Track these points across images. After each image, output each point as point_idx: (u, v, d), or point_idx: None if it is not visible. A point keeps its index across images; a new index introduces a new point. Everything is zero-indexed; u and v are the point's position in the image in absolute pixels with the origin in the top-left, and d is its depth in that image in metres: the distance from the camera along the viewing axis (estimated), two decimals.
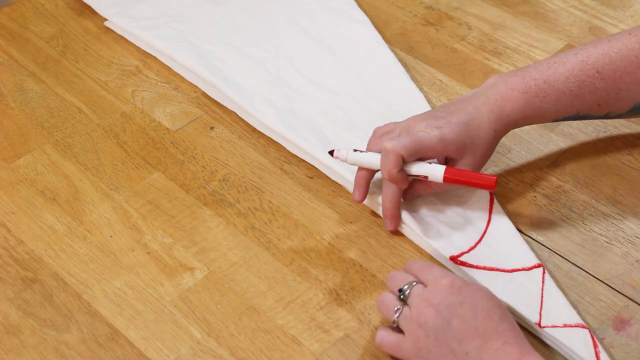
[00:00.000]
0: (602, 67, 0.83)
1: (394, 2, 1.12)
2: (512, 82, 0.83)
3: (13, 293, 0.80)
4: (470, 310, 0.69)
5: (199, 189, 0.89)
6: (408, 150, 0.80)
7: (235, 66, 1.01)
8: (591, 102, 0.84)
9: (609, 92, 0.83)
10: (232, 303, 0.79)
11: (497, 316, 0.69)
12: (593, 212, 0.86)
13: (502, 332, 0.69)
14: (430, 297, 0.70)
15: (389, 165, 0.80)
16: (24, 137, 0.95)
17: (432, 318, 0.70)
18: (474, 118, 0.82)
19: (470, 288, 0.71)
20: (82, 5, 1.11)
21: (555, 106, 0.83)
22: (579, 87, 0.83)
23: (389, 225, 0.83)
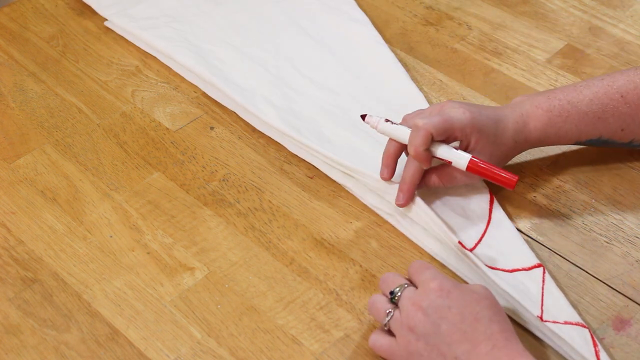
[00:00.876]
0: (627, 92, 0.83)
1: (394, 2, 1.12)
2: (537, 101, 0.84)
3: (13, 293, 0.80)
4: (458, 314, 0.69)
5: (199, 189, 0.89)
6: (438, 129, 0.79)
7: (235, 66, 1.01)
8: (614, 127, 0.84)
9: (633, 117, 0.83)
10: (232, 303, 0.79)
11: (486, 319, 0.69)
12: (593, 212, 0.86)
13: (491, 335, 0.68)
14: (420, 301, 0.70)
15: (417, 142, 0.80)
16: (24, 137, 0.95)
17: (422, 322, 0.70)
18: (501, 120, 0.83)
19: (459, 291, 0.70)
20: (82, 5, 1.11)
21: (577, 127, 0.84)
22: (602, 110, 0.83)
23: (401, 199, 0.83)
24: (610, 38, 1.05)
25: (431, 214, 0.82)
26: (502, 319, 0.70)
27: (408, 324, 0.70)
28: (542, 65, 1.02)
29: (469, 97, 0.98)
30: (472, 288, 0.71)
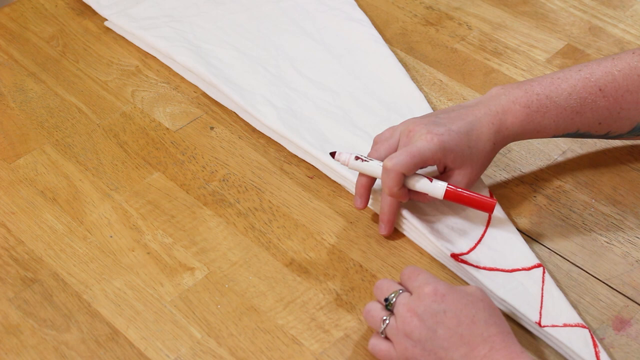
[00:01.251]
0: (605, 85, 0.83)
1: (394, 2, 1.12)
2: (514, 95, 0.83)
3: (13, 293, 0.80)
4: (454, 317, 0.69)
5: (199, 189, 0.89)
6: (408, 167, 0.79)
7: (235, 66, 1.01)
8: (592, 120, 0.83)
9: (610, 110, 0.83)
10: (232, 303, 0.79)
11: (482, 322, 0.69)
12: (593, 212, 0.86)
13: (488, 337, 0.68)
14: (415, 307, 0.70)
15: (390, 184, 0.80)
16: (24, 137, 0.95)
17: (418, 328, 0.69)
18: (474, 128, 0.81)
19: (454, 295, 0.70)
20: (82, 5, 1.11)
21: (555, 122, 0.83)
22: (580, 104, 0.83)
23: (383, 229, 0.83)
24: (610, 38, 1.05)
25: (423, 229, 0.82)
26: (499, 321, 0.70)
27: (404, 330, 0.70)
28: (542, 65, 1.02)
29: (469, 97, 0.98)
30: (467, 290, 0.71)
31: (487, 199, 0.80)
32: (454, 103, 0.98)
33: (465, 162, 0.81)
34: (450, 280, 0.81)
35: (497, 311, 0.71)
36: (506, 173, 0.90)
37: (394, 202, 0.82)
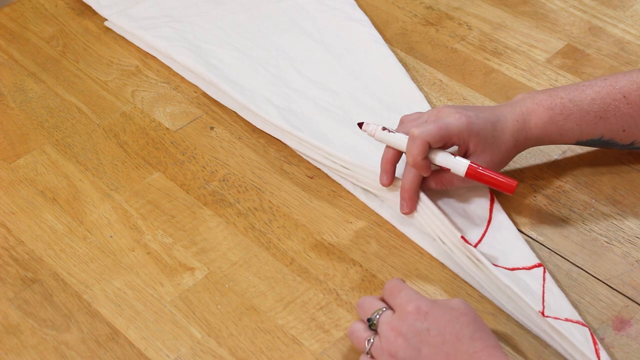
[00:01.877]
0: (629, 92, 0.83)
1: (394, 2, 1.12)
2: (539, 98, 0.84)
3: (13, 293, 0.80)
4: (438, 335, 0.68)
5: (199, 189, 0.89)
6: (434, 137, 0.80)
7: (235, 66, 1.01)
8: (616, 127, 0.84)
9: (634, 118, 0.83)
10: (232, 303, 0.79)
11: (467, 337, 0.68)
12: (593, 212, 0.86)
13: (473, 354, 0.67)
14: (398, 326, 0.69)
15: (414, 152, 0.80)
16: (24, 137, 0.95)
17: (402, 348, 0.68)
18: (499, 121, 0.82)
19: (437, 311, 0.69)
20: (82, 5, 1.11)
21: (579, 126, 0.83)
22: (604, 109, 0.83)
23: (404, 207, 0.83)
24: (610, 38, 1.05)
25: (435, 211, 0.82)
26: (484, 334, 0.68)
27: (389, 351, 0.69)
28: (542, 65, 1.02)
29: (469, 97, 0.98)
30: (450, 304, 0.70)
31: (509, 180, 0.80)
32: (454, 103, 0.98)
33: (487, 149, 0.82)
34: (451, 281, 0.81)
35: (483, 324, 0.69)
36: (506, 173, 0.90)
37: (416, 176, 0.82)
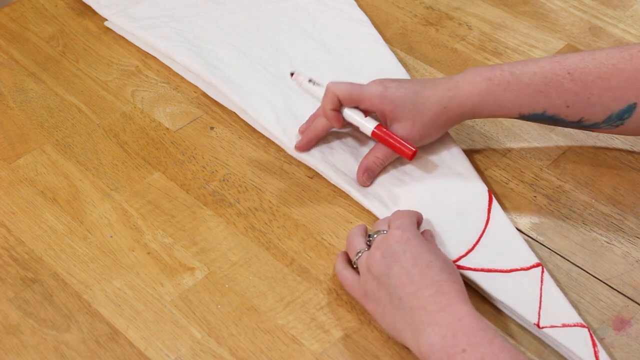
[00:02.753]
0: (575, 69, 0.82)
1: (394, 2, 1.12)
2: (480, 70, 0.85)
3: (13, 293, 0.80)
4: (411, 259, 0.72)
5: (199, 189, 0.89)
6: (345, 94, 0.86)
7: (235, 66, 1.01)
8: (558, 102, 0.83)
9: (578, 94, 0.82)
10: (232, 303, 0.79)
11: (437, 268, 0.72)
12: (593, 212, 0.86)
13: (437, 282, 0.71)
14: (381, 245, 0.75)
15: (324, 101, 0.87)
16: (24, 137, 0.95)
17: (377, 263, 0.74)
18: (426, 89, 0.85)
19: (418, 241, 0.74)
20: (82, 5, 1.11)
21: (518, 98, 0.83)
22: (545, 83, 0.82)
23: (299, 144, 0.90)
24: (610, 38, 1.05)
25: None
26: (453, 273, 0.73)
27: (368, 264, 0.75)
28: None
29: None
30: (435, 247, 0.76)
31: (408, 145, 0.84)
32: None
33: (406, 116, 0.84)
34: None
35: (455, 269, 0.74)
36: (506, 173, 0.90)
37: (325, 125, 0.89)
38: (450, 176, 0.88)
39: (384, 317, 0.73)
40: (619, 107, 0.81)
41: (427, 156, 0.90)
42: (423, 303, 0.70)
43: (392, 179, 0.88)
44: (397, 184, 0.88)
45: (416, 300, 0.70)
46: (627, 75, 0.80)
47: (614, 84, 0.81)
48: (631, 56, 0.81)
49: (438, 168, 0.89)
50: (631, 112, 0.81)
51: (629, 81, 0.80)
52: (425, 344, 0.68)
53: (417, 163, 0.89)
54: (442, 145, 0.90)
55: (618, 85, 0.81)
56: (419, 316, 0.70)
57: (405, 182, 0.88)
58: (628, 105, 0.81)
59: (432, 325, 0.68)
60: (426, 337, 0.68)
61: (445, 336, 0.68)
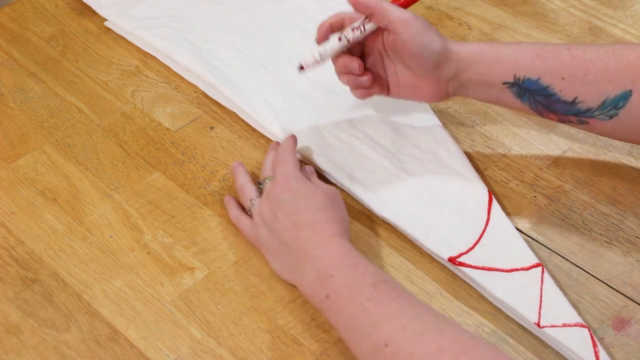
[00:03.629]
0: (575, 47, 0.82)
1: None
2: None
3: (13, 293, 0.80)
4: (293, 205, 0.78)
5: (199, 189, 0.89)
6: None
7: (234, 66, 1.01)
8: (554, 71, 0.82)
9: (575, 69, 0.81)
10: (232, 303, 0.79)
11: (314, 209, 0.77)
12: (593, 212, 0.86)
13: (313, 222, 0.76)
14: (270, 194, 0.80)
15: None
16: (24, 137, 0.95)
17: (266, 210, 0.80)
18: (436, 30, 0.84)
19: (299, 184, 0.79)
20: (82, 5, 1.11)
21: (514, 55, 0.82)
22: (544, 50, 0.82)
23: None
24: (610, 38, 1.05)
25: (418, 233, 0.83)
26: (332, 210, 0.78)
27: (259, 211, 0.81)
28: None
29: None
30: (323, 188, 0.80)
31: None
32: (453, 103, 0.98)
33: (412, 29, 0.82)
34: (450, 280, 0.81)
35: (339, 206, 0.79)
36: (506, 173, 0.90)
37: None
38: (450, 176, 0.88)
39: (275, 262, 0.79)
40: (614, 92, 0.80)
41: (428, 156, 0.90)
42: (302, 244, 0.75)
43: (392, 178, 0.88)
44: (397, 183, 0.88)
45: (297, 242, 0.76)
46: (626, 60, 0.80)
47: (612, 65, 0.80)
48: (635, 46, 0.81)
49: (438, 168, 0.89)
50: (626, 100, 0.80)
51: (627, 66, 0.80)
52: (305, 282, 0.75)
53: (417, 162, 0.89)
54: (441, 145, 0.90)
55: (616, 67, 0.80)
56: (300, 258, 0.75)
57: (406, 181, 0.88)
58: (624, 91, 0.80)
59: (308, 263, 0.74)
60: (305, 275, 0.74)
61: (317, 268, 0.73)
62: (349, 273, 0.72)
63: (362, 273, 0.72)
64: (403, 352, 0.66)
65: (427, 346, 0.65)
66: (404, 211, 0.85)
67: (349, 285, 0.71)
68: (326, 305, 0.72)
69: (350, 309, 0.70)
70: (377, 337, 0.67)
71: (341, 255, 0.74)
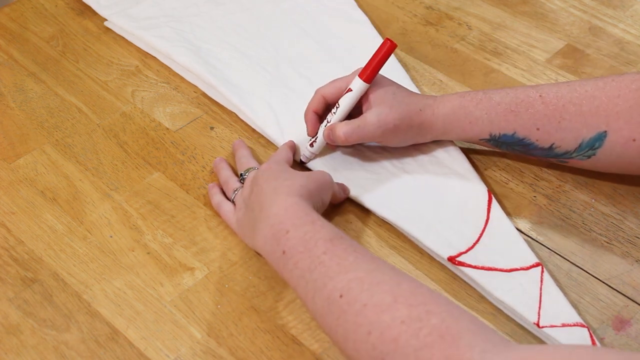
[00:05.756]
0: (547, 92, 0.83)
1: (394, 2, 1.12)
2: (458, 92, 0.87)
3: (13, 293, 0.80)
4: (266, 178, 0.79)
5: (199, 189, 0.89)
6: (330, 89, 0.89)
7: (234, 66, 1.01)
8: (529, 124, 0.83)
9: (549, 118, 0.82)
10: (232, 303, 0.79)
11: (282, 178, 0.78)
12: (593, 212, 0.86)
13: (277, 186, 0.77)
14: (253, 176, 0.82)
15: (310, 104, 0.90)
16: (24, 137, 0.95)
17: (246, 189, 0.82)
18: (407, 90, 0.87)
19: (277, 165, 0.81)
20: (82, 5, 1.11)
21: (488, 115, 0.84)
22: (516, 103, 0.83)
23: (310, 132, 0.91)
24: (610, 38, 1.05)
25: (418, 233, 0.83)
26: (298, 177, 0.78)
27: (242, 195, 0.83)
28: (542, 65, 1.02)
29: None
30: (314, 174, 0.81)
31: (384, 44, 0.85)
32: None
33: (385, 102, 0.85)
34: (450, 281, 0.81)
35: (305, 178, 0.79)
36: (506, 173, 0.90)
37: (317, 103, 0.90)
38: (450, 176, 0.88)
39: (245, 235, 0.81)
40: (589, 134, 0.81)
41: (427, 157, 0.90)
42: (261, 204, 0.77)
43: (392, 178, 0.88)
44: (396, 183, 0.88)
45: (257, 204, 0.77)
46: (599, 102, 0.81)
47: (585, 109, 0.81)
48: (605, 84, 0.81)
49: (437, 168, 0.89)
50: (602, 140, 0.81)
51: (600, 108, 0.81)
52: (261, 239, 0.75)
53: (416, 163, 0.89)
54: (440, 147, 0.90)
55: (589, 111, 0.81)
56: (259, 218, 0.76)
57: (405, 182, 0.88)
58: (598, 133, 0.81)
59: (264, 221, 0.75)
60: (261, 232, 0.75)
61: (273, 225, 0.74)
62: (306, 229, 0.73)
63: (319, 229, 0.72)
64: (358, 303, 0.65)
65: (383, 297, 0.65)
66: (404, 211, 0.85)
67: (306, 241, 0.72)
68: (283, 262, 0.72)
69: (307, 263, 0.70)
70: (332, 289, 0.67)
71: (298, 212, 0.74)
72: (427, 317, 0.62)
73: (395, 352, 0.62)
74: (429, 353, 0.60)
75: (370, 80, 0.85)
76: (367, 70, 0.85)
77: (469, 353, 0.59)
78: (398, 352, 0.62)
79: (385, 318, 0.64)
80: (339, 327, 0.66)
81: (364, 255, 0.70)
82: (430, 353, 0.60)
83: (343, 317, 0.66)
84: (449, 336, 0.61)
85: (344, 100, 0.87)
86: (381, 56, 0.85)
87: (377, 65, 0.85)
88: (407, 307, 0.63)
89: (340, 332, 0.66)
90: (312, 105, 0.89)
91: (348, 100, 0.87)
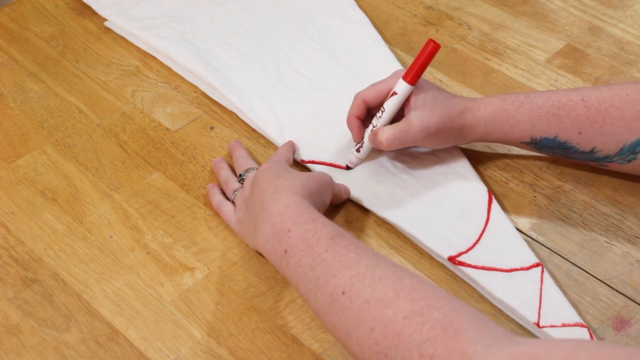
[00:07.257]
0: (588, 96, 0.83)
1: (394, 2, 1.12)
2: (497, 94, 0.86)
3: (13, 293, 0.80)
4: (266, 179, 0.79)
5: (199, 189, 0.89)
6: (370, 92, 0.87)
7: (234, 66, 1.01)
8: (571, 128, 0.83)
9: (591, 121, 0.82)
10: (232, 303, 0.79)
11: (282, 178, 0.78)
12: (593, 212, 0.86)
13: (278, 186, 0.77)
14: (253, 176, 0.82)
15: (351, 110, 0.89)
16: (24, 137, 0.95)
17: (246, 189, 0.82)
18: (448, 93, 0.86)
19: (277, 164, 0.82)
20: (82, 5, 1.11)
21: (530, 119, 0.83)
22: (557, 106, 0.83)
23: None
24: (610, 38, 1.05)
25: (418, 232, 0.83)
26: (299, 177, 0.78)
27: (242, 195, 0.83)
28: (542, 65, 1.02)
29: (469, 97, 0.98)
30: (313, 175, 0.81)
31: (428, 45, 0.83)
32: None
33: (427, 105, 0.84)
34: (450, 281, 0.81)
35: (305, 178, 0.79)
36: (506, 173, 0.90)
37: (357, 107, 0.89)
38: (450, 176, 0.88)
39: (245, 235, 0.80)
40: (631, 139, 0.82)
41: (427, 156, 0.90)
42: (263, 204, 0.77)
43: (392, 178, 0.88)
44: (397, 183, 0.88)
45: (259, 204, 0.77)
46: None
47: (627, 113, 0.81)
48: None
49: (438, 168, 0.89)
50: None
51: None
52: (263, 239, 0.75)
53: (417, 163, 0.89)
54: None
55: (631, 115, 0.81)
56: (260, 218, 0.76)
57: (406, 181, 0.88)
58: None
59: (266, 220, 0.75)
60: (263, 232, 0.75)
61: (274, 224, 0.74)
62: (307, 227, 0.73)
63: (320, 227, 0.72)
64: (360, 299, 0.66)
65: (385, 292, 0.65)
66: (404, 211, 0.85)
67: (307, 239, 0.72)
68: (285, 261, 0.73)
69: (308, 261, 0.70)
70: (334, 286, 0.68)
71: (299, 211, 0.74)
72: (430, 311, 0.62)
73: (398, 346, 0.62)
74: (432, 347, 0.60)
75: (415, 82, 0.84)
76: (412, 72, 0.84)
77: (473, 347, 0.59)
78: (401, 347, 0.62)
79: (387, 313, 0.64)
80: (341, 324, 0.66)
81: (366, 252, 0.70)
82: (433, 347, 0.60)
83: (346, 314, 0.66)
84: (452, 330, 0.61)
85: (389, 104, 0.85)
86: (425, 57, 0.83)
87: (421, 66, 0.83)
88: (409, 302, 0.64)
89: (343, 328, 0.66)
90: (353, 111, 0.88)
91: (393, 103, 0.85)
